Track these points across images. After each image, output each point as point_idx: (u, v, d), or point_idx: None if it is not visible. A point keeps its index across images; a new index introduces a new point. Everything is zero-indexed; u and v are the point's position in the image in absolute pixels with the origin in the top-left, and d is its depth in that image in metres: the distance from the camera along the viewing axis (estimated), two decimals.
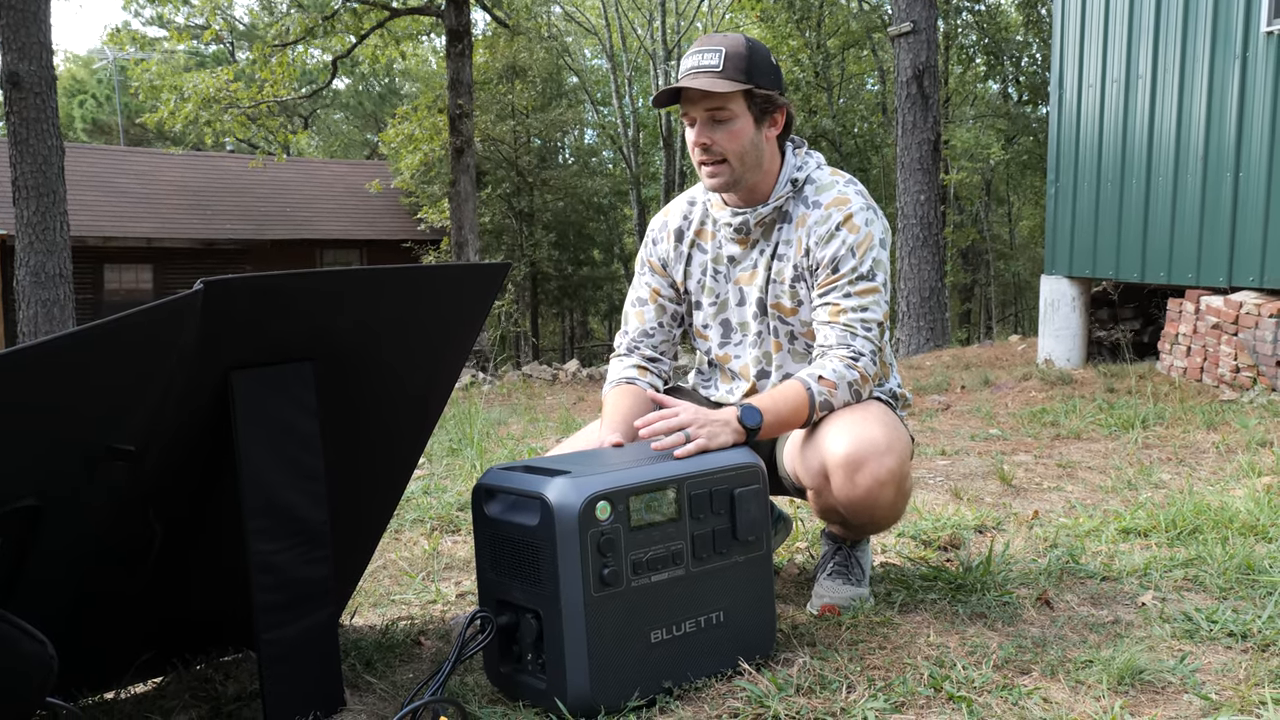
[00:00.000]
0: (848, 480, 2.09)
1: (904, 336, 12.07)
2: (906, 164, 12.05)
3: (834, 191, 2.29)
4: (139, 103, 25.34)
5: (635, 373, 2.41)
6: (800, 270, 2.29)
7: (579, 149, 32.05)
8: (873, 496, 2.10)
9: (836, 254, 2.24)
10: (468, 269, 1.83)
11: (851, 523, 2.24)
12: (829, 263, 2.25)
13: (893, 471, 2.09)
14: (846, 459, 2.08)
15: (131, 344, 1.41)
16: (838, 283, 2.24)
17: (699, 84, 2.15)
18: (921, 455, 4.59)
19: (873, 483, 2.08)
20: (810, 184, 2.32)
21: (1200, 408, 5.54)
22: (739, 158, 2.22)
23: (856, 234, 2.24)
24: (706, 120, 2.20)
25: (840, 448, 2.09)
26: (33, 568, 1.53)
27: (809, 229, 2.28)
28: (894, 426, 2.16)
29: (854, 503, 2.12)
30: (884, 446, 2.08)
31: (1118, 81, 7.66)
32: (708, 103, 2.18)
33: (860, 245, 2.24)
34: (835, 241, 2.24)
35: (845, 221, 2.25)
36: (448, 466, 4.44)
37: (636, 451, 1.97)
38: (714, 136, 2.20)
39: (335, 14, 17.40)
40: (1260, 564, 2.51)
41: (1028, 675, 1.90)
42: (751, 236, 2.34)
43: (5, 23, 10.51)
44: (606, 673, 1.73)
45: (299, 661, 1.71)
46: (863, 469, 2.07)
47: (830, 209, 2.27)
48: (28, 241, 10.80)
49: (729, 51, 2.17)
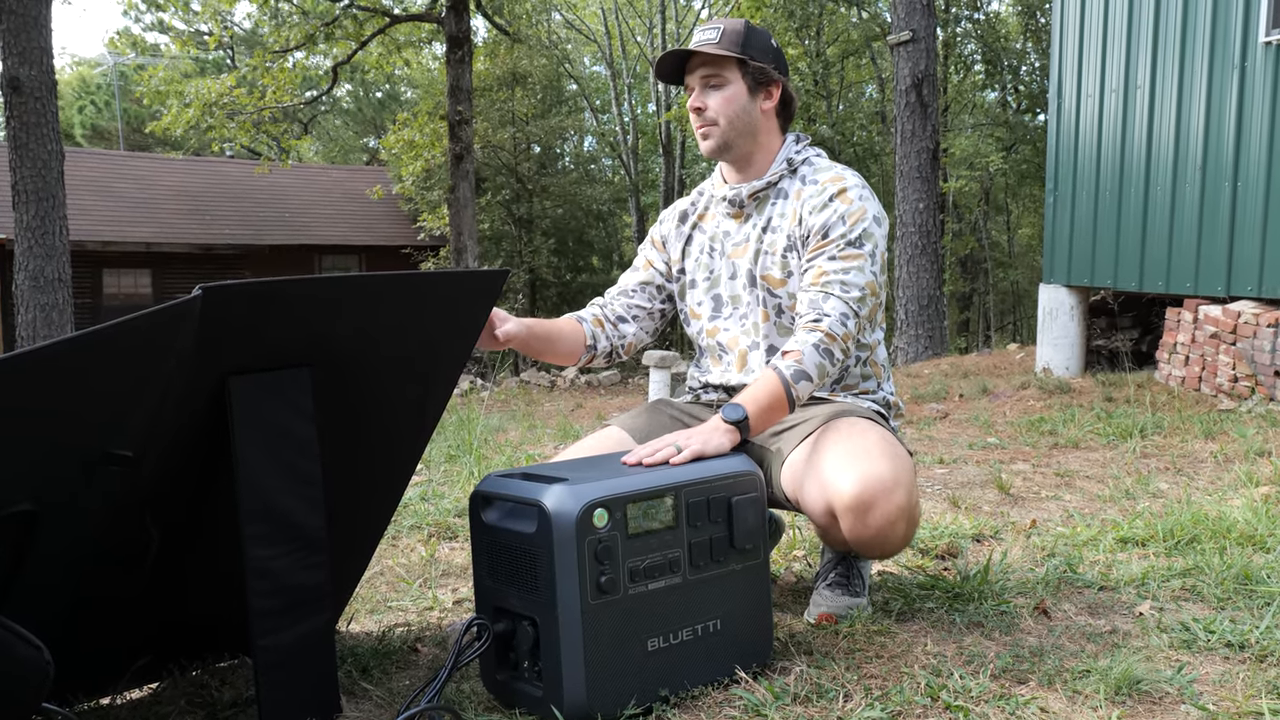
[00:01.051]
0: (859, 522, 2.05)
1: (902, 344, 12.07)
2: (905, 172, 12.06)
3: (832, 172, 2.35)
4: (142, 109, 25.38)
5: (588, 317, 2.50)
6: (793, 240, 2.32)
7: (578, 156, 32.09)
8: (884, 535, 2.07)
9: (828, 221, 2.26)
10: (466, 275, 1.83)
11: (861, 555, 2.24)
12: (819, 229, 2.27)
13: (902, 508, 2.05)
14: (856, 502, 2.03)
15: (130, 349, 1.41)
16: (825, 247, 2.26)
17: (695, 46, 2.31)
18: (920, 464, 4.59)
19: (884, 523, 2.05)
20: (808, 165, 2.39)
21: (1198, 417, 5.54)
22: (730, 121, 2.32)
23: (849, 205, 2.27)
24: (703, 86, 2.33)
25: (847, 487, 2.04)
26: (29, 573, 1.53)
27: (803, 201, 2.32)
28: (896, 456, 2.11)
29: (866, 541, 2.09)
30: (891, 483, 2.04)
31: (1116, 91, 7.67)
32: (704, 70, 2.32)
33: (852, 215, 2.26)
34: (828, 210, 2.27)
35: (840, 194, 2.29)
36: (445, 473, 4.44)
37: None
38: (707, 100, 2.33)
39: (336, 20, 17.44)
40: (1258, 574, 2.51)
41: (1025, 685, 1.90)
42: (745, 210, 2.40)
43: (6, 27, 10.53)
44: (603, 680, 1.73)
45: (295, 668, 1.71)
46: (873, 510, 2.03)
47: (826, 183, 2.32)
48: (27, 246, 10.81)
49: (727, 29, 2.32)
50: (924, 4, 11.86)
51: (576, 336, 2.44)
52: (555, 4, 29.12)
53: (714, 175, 2.52)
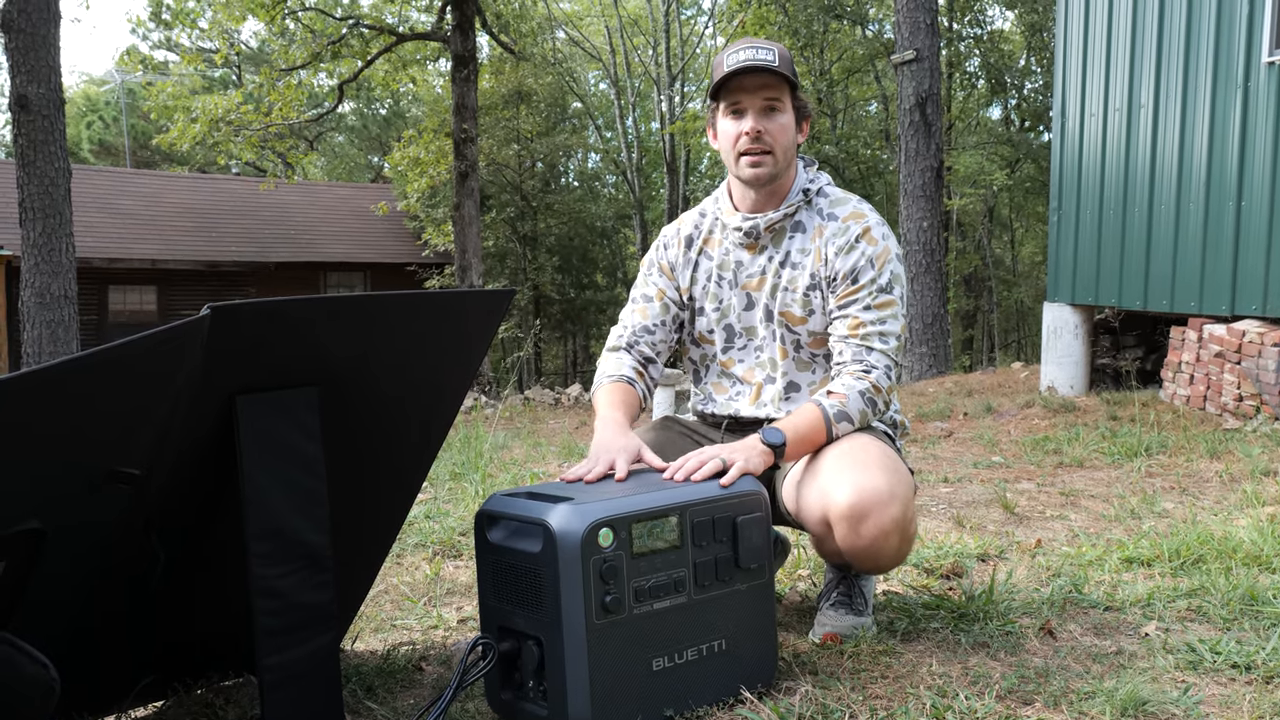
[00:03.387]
0: (852, 531, 2.07)
1: (907, 363, 12.07)
2: (909, 191, 12.09)
3: (849, 206, 2.34)
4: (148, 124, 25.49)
5: (633, 374, 2.39)
6: (818, 279, 2.31)
7: (583, 173, 32.18)
8: (877, 546, 2.08)
9: (856, 265, 2.27)
10: (472, 295, 1.84)
11: (855, 567, 2.24)
12: (848, 274, 2.27)
13: (897, 521, 2.06)
14: (850, 511, 2.05)
15: (137, 369, 1.41)
16: (858, 295, 2.26)
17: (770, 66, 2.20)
18: (924, 482, 4.59)
19: (877, 533, 2.06)
20: (823, 196, 2.36)
21: (1203, 436, 5.53)
22: (784, 151, 2.28)
23: (875, 246, 2.28)
24: (762, 109, 2.26)
25: (843, 497, 2.06)
26: (35, 590, 1.53)
27: (827, 240, 2.30)
28: (895, 470, 2.12)
29: (858, 552, 2.10)
30: (887, 495, 2.05)
31: (1120, 110, 7.69)
32: (767, 92, 2.24)
33: (879, 258, 2.27)
34: (855, 253, 2.27)
35: (864, 234, 2.29)
36: (450, 491, 4.44)
37: (639, 478, 1.97)
38: (767, 125, 2.25)
39: (343, 39, 17.54)
40: (1264, 595, 2.50)
41: (1030, 706, 1.89)
42: (760, 242, 2.36)
43: (15, 46, 10.59)
44: (608, 700, 1.73)
45: (300, 687, 1.71)
46: (867, 520, 2.05)
47: (848, 221, 2.31)
48: (33, 263, 10.84)
49: (780, 52, 2.24)
50: (928, 23, 11.90)
51: (638, 404, 2.36)
52: (560, 21, 29.25)
53: (719, 197, 2.46)
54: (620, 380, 2.37)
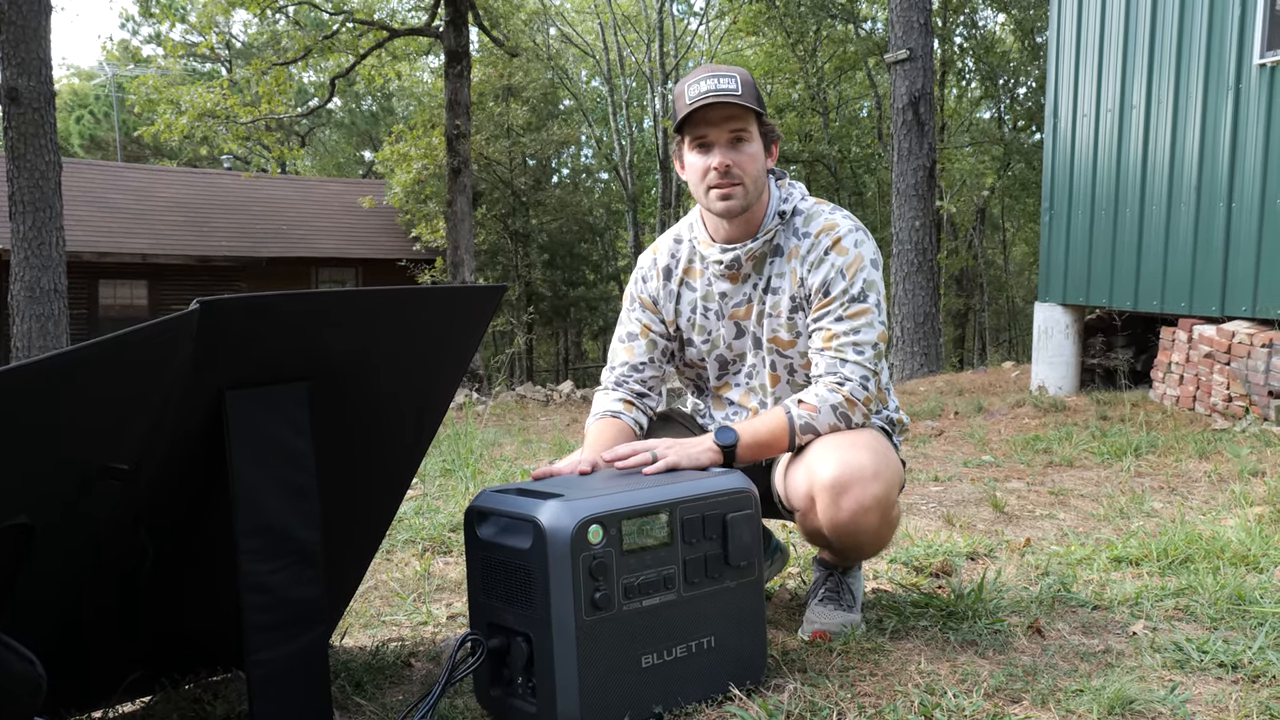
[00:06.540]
0: (832, 504, 2.08)
1: (898, 362, 12.10)
2: (902, 190, 12.11)
3: (821, 219, 2.31)
4: (137, 119, 25.39)
5: (620, 406, 2.39)
6: (798, 301, 2.30)
7: (575, 168, 32.14)
8: (856, 521, 2.09)
9: (827, 278, 2.25)
10: (463, 291, 1.84)
11: (836, 547, 2.24)
12: (820, 287, 2.26)
13: (878, 498, 2.08)
14: (832, 483, 2.07)
15: (127, 363, 1.41)
16: (829, 307, 2.25)
17: (734, 98, 2.15)
18: (914, 481, 4.60)
19: (857, 508, 2.07)
20: (798, 215, 2.33)
21: (1193, 436, 5.55)
22: (754, 181, 2.24)
23: (845, 256, 2.26)
24: (729, 141, 2.21)
25: (826, 471, 2.09)
26: (23, 586, 1.52)
27: (801, 259, 2.29)
28: (883, 453, 2.15)
29: (838, 527, 2.12)
30: (870, 472, 2.07)
31: (1112, 111, 7.71)
32: (732, 124, 2.19)
33: (850, 267, 2.25)
34: (825, 265, 2.26)
35: (834, 245, 2.27)
36: (441, 487, 4.43)
37: (629, 476, 1.97)
38: (735, 158, 2.21)
39: (334, 33, 17.48)
40: (1251, 594, 2.52)
41: (1018, 704, 1.90)
42: (742, 271, 2.34)
43: (5, 38, 10.55)
44: (597, 697, 1.73)
45: (289, 682, 1.71)
46: (847, 493, 2.07)
47: (820, 236, 2.28)
48: (23, 256, 10.80)
49: (742, 78, 2.19)
50: (921, 23, 11.92)
51: (629, 434, 2.34)
52: (552, 17, 29.22)
53: (692, 224, 2.41)
54: (605, 416, 2.37)
